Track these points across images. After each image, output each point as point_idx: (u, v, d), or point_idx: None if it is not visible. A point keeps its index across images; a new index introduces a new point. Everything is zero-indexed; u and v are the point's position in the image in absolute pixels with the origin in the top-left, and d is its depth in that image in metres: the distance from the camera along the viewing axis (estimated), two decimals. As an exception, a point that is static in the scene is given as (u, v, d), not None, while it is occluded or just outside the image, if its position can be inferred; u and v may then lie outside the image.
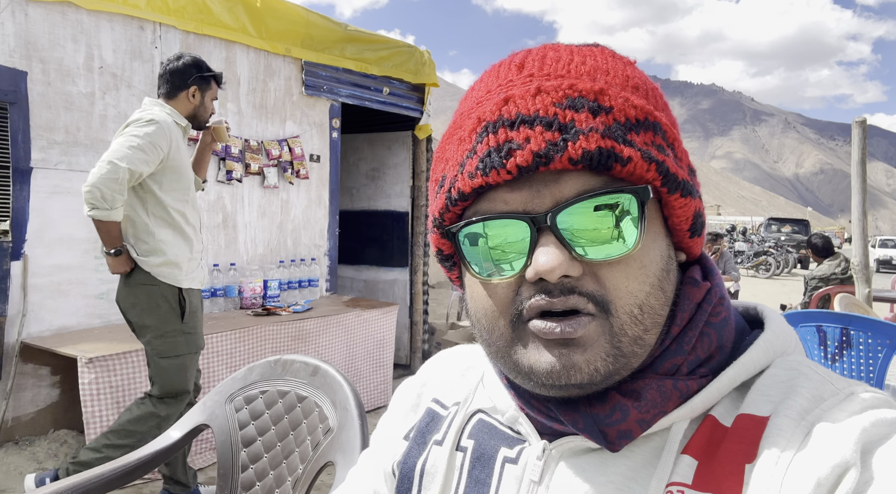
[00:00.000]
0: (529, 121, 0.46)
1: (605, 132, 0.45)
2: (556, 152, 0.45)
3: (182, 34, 3.58)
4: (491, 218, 0.48)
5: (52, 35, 3.05)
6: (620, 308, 0.47)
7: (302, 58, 4.23)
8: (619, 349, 0.47)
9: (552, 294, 0.47)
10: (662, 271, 0.49)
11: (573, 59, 0.50)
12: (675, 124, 0.53)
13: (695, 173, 0.54)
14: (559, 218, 0.46)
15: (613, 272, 0.47)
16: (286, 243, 4.27)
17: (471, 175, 0.48)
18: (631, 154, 0.45)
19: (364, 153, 5.42)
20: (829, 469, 0.40)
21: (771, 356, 0.51)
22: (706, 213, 0.57)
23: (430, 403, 0.67)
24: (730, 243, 19.78)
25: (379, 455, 0.70)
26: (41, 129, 3.04)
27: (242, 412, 1.49)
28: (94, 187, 2.25)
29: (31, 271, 3.05)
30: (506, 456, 0.57)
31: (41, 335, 3.07)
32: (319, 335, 3.70)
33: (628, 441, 0.49)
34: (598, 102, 0.47)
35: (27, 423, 3.16)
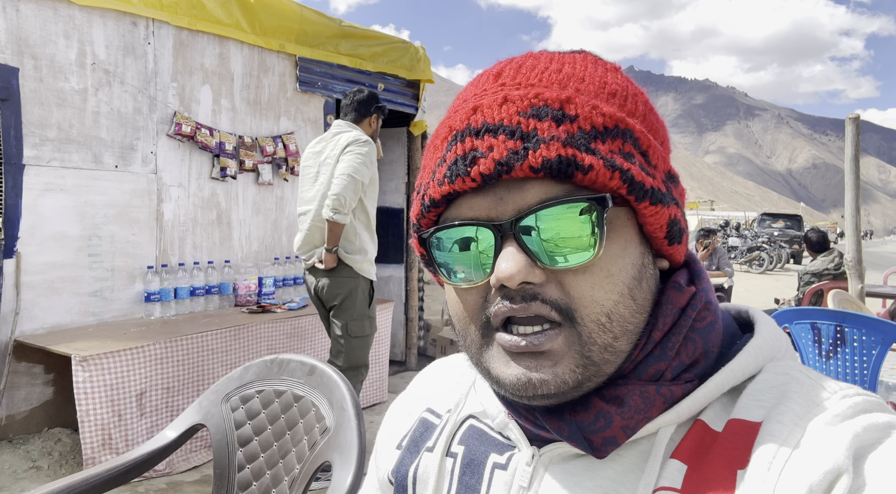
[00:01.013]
0: (493, 130, 0.47)
1: (567, 141, 0.46)
2: (517, 161, 0.45)
3: (175, 30, 3.55)
4: (457, 225, 0.49)
5: (44, 31, 3.03)
6: (586, 316, 0.47)
7: (296, 54, 4.20)
8: (588, 357, 0.48)
9: (514, 301, 0.47)
10: (633, 279, 0.49)
11: (549, 66, 0.51)
12: (656, 130, 0.52)
13: (675, 180, 0.53)
14: (521, 225, 0.46)
15: (578, 281, 0.47)
16: (281, 239, 4.26)
17: (440, 182, 0.49)
18: (593, 162, 0.45)
19: (359, 150, 5.40)
20: (822, 476, 0.40)
21: (760, 361, 0.51)
22: (701, 208, 0.56)
23: (423, 413, 0.68)
24: (723, 239, 19.85)
25: (375, 469, 0.71)
26: (33, 126, 3.02)
27: (238, 411, 1.48)
28: (340, 195, 2.75)
29: (24, 269, 3.03)
30: (495, 462, 0.57)
31: (34, 334, 3.06)
32: (315, 333, 3.69)
33: (614, 447, 0.49)
34: (563, 110, 0.47)
35: (21, 421, 3.14)
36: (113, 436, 2.76)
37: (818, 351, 2.28)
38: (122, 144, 3.37)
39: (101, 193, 3.29)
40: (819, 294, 5.23)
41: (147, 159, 3.49)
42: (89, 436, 2.71)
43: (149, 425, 2.90)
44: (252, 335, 3.35)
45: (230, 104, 3.89)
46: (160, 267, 3.54)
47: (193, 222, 3.73)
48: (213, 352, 3.15)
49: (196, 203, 3.74)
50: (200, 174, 3.75)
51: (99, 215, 3.30)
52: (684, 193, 0.55)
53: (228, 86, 3.87)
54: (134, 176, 3.43)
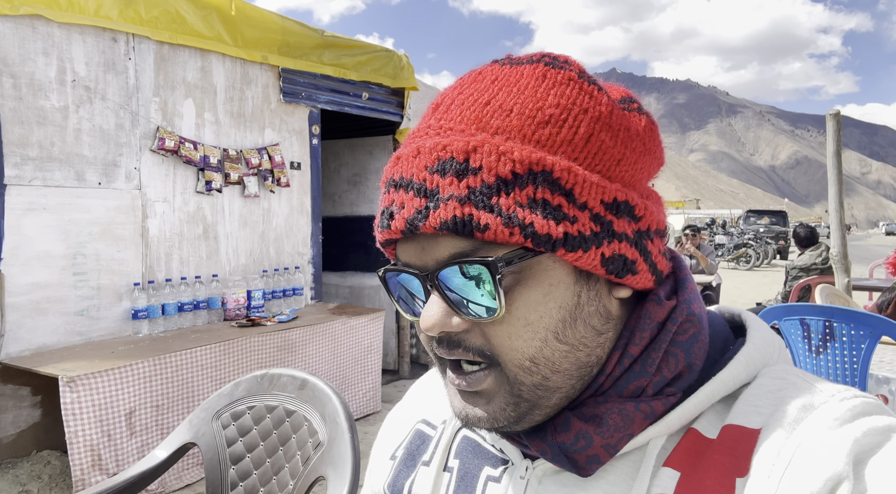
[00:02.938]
0: (406, 185, 0.48)
1: (465, 198, 0.45)
2: (420, 220, 0.46)
3: (156, 45, 3.53)
4: (393, 270, 0.52)
5: (23, 49, 2.99)
6: (509, 362, 0.48)
7: (279, 65, 4.19)
8: (518, 395, 0.49)
9: (441, 345, 0.50)
10: (559, 322, 0.48)
11: (480, 98, 0.49)
12: (602, 151, 0.48)
13: (621, 208, 0.49)
14: (439, 277, 0.48)
15: (496, 330, 0.48)
16: (269, 252, 4.23)
17: (379, 227, 0.52)
18: (489, 221, 0.45)
19: (345, 159, 5.39)
20: (822, 483, 0.40)
21: (752, 370, 0.50)
22: (687, 207, 0.55)
23: (418, 424, 0.68)
24: (710, 237, 20.01)
25: (370, 481, 0.71)
26: (14, 145, 2.98)
27: (230, 428, 1.46)
28: None
29: (8, 291, 2.98)
30: (489, 476, 0.57)
31: (20, 355, 3.01)
32: (306, 345, 3.67)
33: (598, 465, 0.50)
34: (467, 162, 0.46)
35: (9, 445, 3.09)
36: (103, 457, 2.72)
37: (808, 347, 2.29)
38: (104, 160, 3.33)
39: (84, 211, 3.25)
40: (807, 289, 5.28)
41: (131, 175, 3.45)
42: (79, 458, 2.67)
43: (139, 444, 2.86)
44: (242, 348, 3.32)
45: (214, 117, 3.87)
46: (147, 284, 3.50)
47: (179, 237, 3.70)
48: (202, 368, 3.12)
49: (182, 218, 3.71)
50: (185, 189, 3.72)
51: (83, 233, 3.26)
52: (651, 212, 0.51)
53: (211, 99, 3.85)
54: (118, 193, 3.40)
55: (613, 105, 0.50)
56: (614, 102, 0.50)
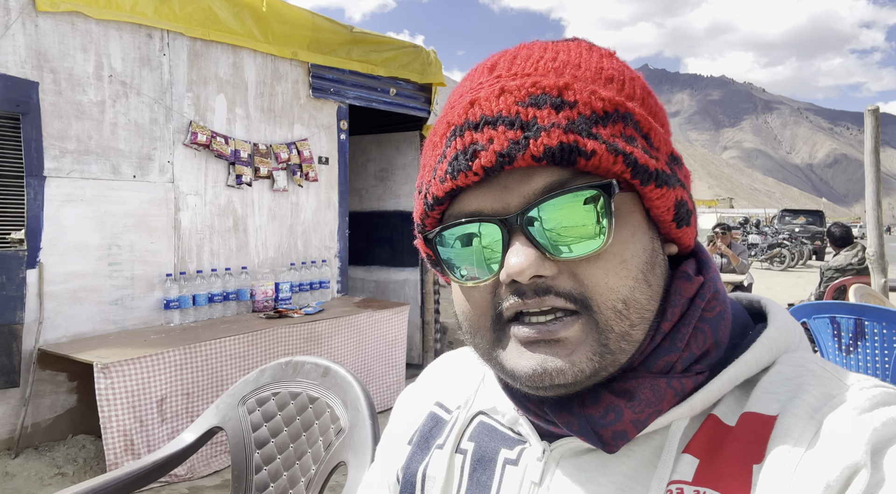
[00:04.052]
0: (492, 122, 0.46)
1: (568, 127, 0.45)
2: (518, 151, 0.45)
3: (190, 41, 3.61)
4: (463, 222, 0.49)
5: (62, 45, 3.09)
6: (603, 304, 0.46)
7: (309, 61, 4.24)
8: (605, 346, 0.47)
9: (526, 295, 0.47)
10: (646, 264, 0.48)
11: (543, 55, 0.50)
12: (655, 113, 0.52)
13: (678, 162, 0.52)
14: (528, 218, 0.46)
15: (592, 269, 0.46)
16: (297, 245, 4.29)
17: (441, 179, 0.49)
18: (595, 147, 0.45)
19: (372, 154, 5.44)
20: (839, 471, 0.40)
21: (774, 353, 0.50)
22: (720, 205, 0.55)
23: (432, 407, 0.67)
24: (743, 236, 19.60)
25: (384, 464, 0.70)
26: (53, 138, 3.08)
27: (255, 414, 1.50)
28: None
29: (47, 279, 3.09)
30: (506, 458, 0.56)
31: (58, 342, 3.11)
32: (331, 337, 3.72)
33: (624, 441, 0.49)
34: (561, 97, 0.46)
35: (46, 429, 3.20)
36: (135, 442, 2.80)
37: (838, 345, 2.24)
38: (139, 154, 3.42)
39: (120, 202, 3.35)
40: (842, 290, 5.14)
41: (164, 169, 3.54)
42: (112, 442, 2.75)
43: (169, 430, 2.94)
44: (270, 339, 3.38)
45: (244, 112, 3.94)
46: (178, 275, 3.59)
47: (210, 230, 3.78)
48: (231, 357, 3.18)
49: (213, 211, 3.79)
50: (216, 182, 3.80)
51: (118, 224, 3.35)
52: (689, 174, 0.54)
53: (242, 94, 3.92)
54: (152, 185, 3.49)
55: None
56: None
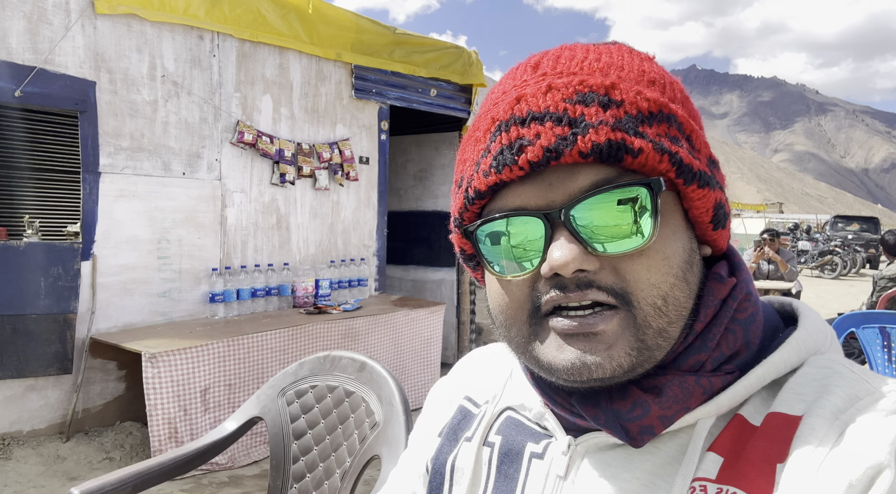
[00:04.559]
0: (540, 117, 0.46)
1: (616, 125, 0.45)
2: (566, 146, 0.45)
3: (238, 43, 3.72)
4: (506, 215, 0.49)
5: (119, 46, 3.23)
6: (643, 300, 0.47)
7: (352, 62, 4.31)
8: (643, 341, 0.47)
9: (568, 289, 0.47)
10: (685, 262, 0.49)
11: (587, 56, 0.51)
12: (695, 117, 0.53)
13: (717, 165, 0.53)
14: (573, 212, 0.46)
15: (634, 265, 0.47)
16: (337, 243, 4.37)
17: (485, 173, 0.49)
18: (642, 145, 0.45)
19: (412, 155, 5.48)
20: (862, 471, 0.40)
21: (803, 354, 0.50)
22: (769, 210, 0.55)
23: (462, 401, 0.69)
24: (792, 242, 18.96)
25: (415, 455, 0.72)
26: (108, 135, 3.22)
27: (294, 405, 1.54)
28: None
29: (100, 271, 3.23)
30: (533, 452, 0.57)
31: (108, 332, 3.25)
32: (368, 334, 3.77)
33: (650, 436, 0.49)
34: (608, 95, 0.47)
35: (96, 415, 3.35)
36: (179, 430, 2.91)
37: (888, 357, 2.15)
38: (189, 152, 3.55)
39: (169, 198, 3.47)
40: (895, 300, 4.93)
41: (212, 166, 3.66)
42: (157, 429, 2.86)
43: (212, 419, 3.03)
44: (309, 334, 3.45)
45: (289, 112, 4.03)
46: (224, 269, 3.70)
47: (255, 227, 3.89)
48: (272, 351, 3.26)
49: (257, 208, 3.89)
50: (261, 180, 3.90)
51: (168, 219, 3.48)
52: (724, 178, 0.54)
53: (288, 95, 4.02)
54: (200, 182, 3.61)
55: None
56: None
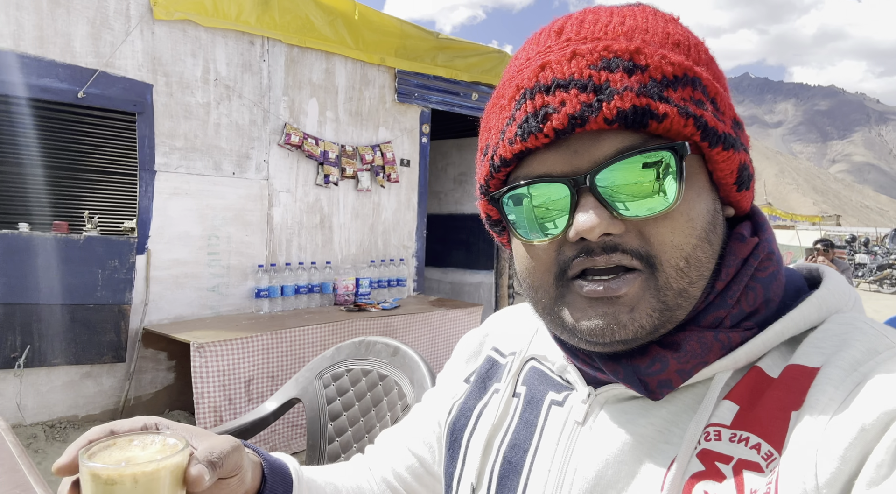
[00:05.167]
0: (565, 85, 0.47)
1: (641, 90, 0.46)
2: (591, 113, 0.46)
3: (287, 48, 3.85)
4: (532, 182, 0.50)
5: (175, 51, 3.39)
6: (666, 262, 0.48)
7: (395, 67, 4.41)
8: (664, 302, 0.48)
9: (594, 253, 0.48)
10: (709, 224, 0.50)
11: (611, 20, 0.51)
12: (719, 78, 0.53)
13: (741, 127, 0.53)
14: (598, 178, 0.47)
15: (658, 227, 0.48)
16: (377, 243, 4.45)
17: (511, 141, 0.50)
18: (667, 110, 0.46)
19: (452, 158, 5.54)
20: (877, 416, 0.40)
21: (823, 313, 0.50)
22: (825, 222, 0.55)
23: (490, 351, 0.72)
24: (849, 255, 18.19)
25: (441, 394, 0.76)
26: (164, 136, 3.38)
27: (330, 388, 1.60)
28: None
29: (153, 265, 3.39)
30: (553, 400, 0.60)
31: (160, 323, 3.40)
32: (406, 332, 3.82)
33: (669, 390, 0.50)
34: (633, 61, 0.47)
35: (146, 402, 3.50)
36: (223, 418, 3.01)
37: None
38: (238, 152, 3.69)
39: (220, 197, 3.62)
40: (958, 313, 4.69)
41: (260, 167, 3.79)
42: (203, 417, 2.97)
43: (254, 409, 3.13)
44: (348, 331, 3.53)
45: (334, 116, 4.15)
46: (269, 266, 3.82)
47: (299, 226, 4.00)
48: (312, 345, 3.35)
49: (302, 208, 4.01)
50: (306, 181, 4.02)
51: (218, 217, 3.62)
52: (749, 140, 0.55)
53: (333, 98, 4.13)
54: (248, 182, 3.75)
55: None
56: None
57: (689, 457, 0.47)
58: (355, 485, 0.76)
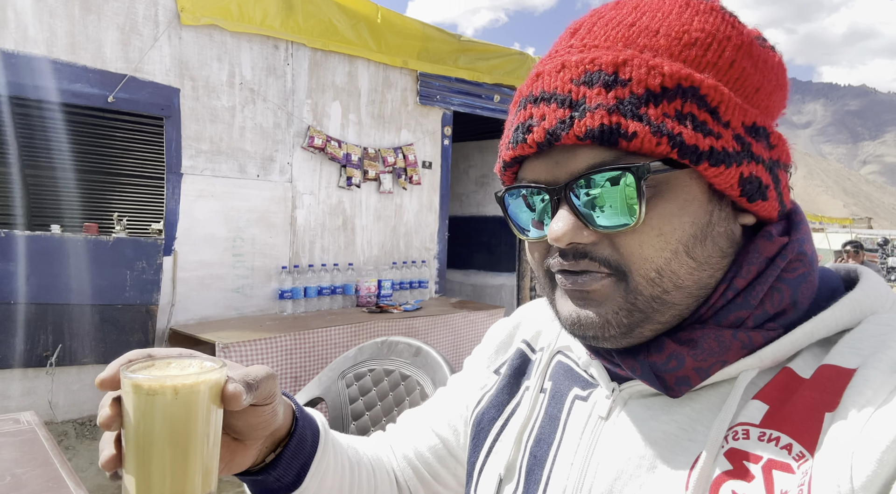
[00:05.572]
0: (547, 98, 0.49)
1: (614, 108, 0.46)
2: (563, 130, 0.47)
3: (311, 51, 3.90)
4: (518, 187, 0.53)
5: (201, 55, 3.45)
6: (636, 272, 0.49)
7: (417, 69, 4.43)
8: (633, 304, 0.49)
9: (566, 257, 0.51)
10: (691, 237, 0.49)
11: (625, 20, 0.51)
12: (744, 77, 0.50)
13: (760, 133, 0.50)
14: (571, 190, 0.49)
15: (628, 240, 0.49)
16: (399, 245, 4.47)
17: (507, 147, 0.53)
18: (637, 130, 0.46)
19: (474, 161, 5.54)
20: None
21: (857, 315, 0.49)
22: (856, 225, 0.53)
23: (520, 344, 0.73)
24: (881, 258, 17.75)
25: (470, 380, 0.77)
26: (190, 139, 3.44)
27: (353, 387, 1.61)
28: None
29: (180, 266, 3.44)
30: (577, 395, 0.61)
31: (186, 323, 3.45)
32: (428, 334, 3.83)
33: (687, 387, 0.50)
34: (616, 74, 0.47)
35: (173, 401, 3.55)
36: (247, 417, 3.05)
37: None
38: (263, 155, 3.74)
39: (244, 199, 3.67)
40: None
41: (284, 169, 3.84)
42: (228, 415, 3.01)
43: (278, 410, 3.16)
44: (370, 332, 3.55)
45: (357, 118, 4.18)
46: (293, 268, 3.86)
47: (322, 228, 4.04)
48: (335, 346, 3.38)
49: (325, 210, 4.05)
50: (329, 183, 4.06)
51: (242, 219, 3.67)
52: (783, 144, 0.53)
53: (356, 101, 4.17)
54: (272, 184, 3.79)
55: (752, 37, 0.51)
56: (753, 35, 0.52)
57: (715, 455, 0.47)
58: (374, 455, 0.77)
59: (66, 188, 3.29)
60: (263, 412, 0.54)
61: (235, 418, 0.53)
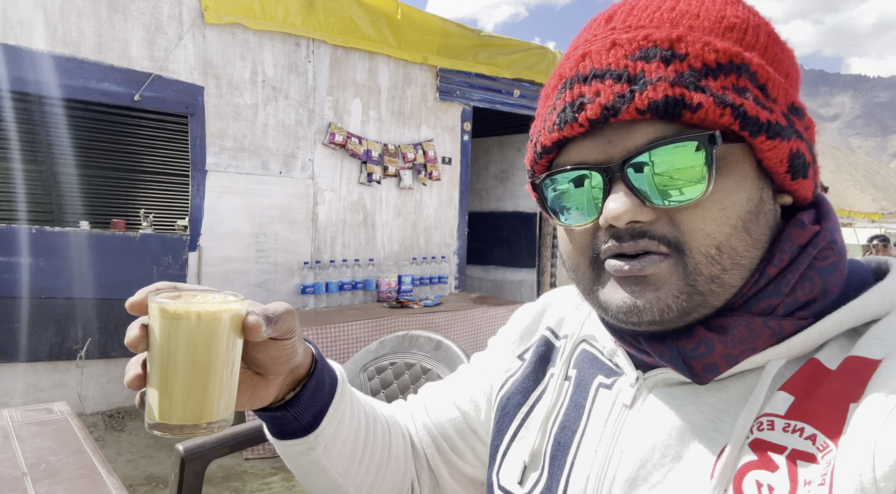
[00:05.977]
0: (601, 75, 0.48)
1: (675, 80, 0.46)
2: (623, 104, 0.46)
3: (332, 48, 3.93)
4: (567, 170, 0.52)
5: (224, 54, 3.50)
6: (695, 249, 0.48)
7: (437, 65, 4.43)
8: (693, 286, 0.48)
9: (622, 239, 0.50)
10: (748, 213, 0.49)
11: (663, 5, 0.51)
12: (778, 62, 0.51)
13: (799, 112, 0.52)
14: (629, 167, 0.48)
15: (689, 215, 0.48)
16: (419, 241, 4.49)
17: (550, 130, 0.52)
18: (701, 100, 0.45)
19: (494, 156, 5.54)
20: None
21: (887, 305, 0.49)
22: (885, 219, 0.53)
23: (545, 330, 0.73)
24: (910, 254, 17.33)
25: (494, 361, 0.77)
26: (214, 137, 3.50)
27: (374, 380, 1.63)
28: None
29: (205, 262, 3.50)
30: (601, 383, 0.61)
31: (211, 317, 3.51)
32: (448, 329, 3.84)
33: (715, 374, 0.50)
34: (672, 49, 0.47)
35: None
36: (270, 410, 3.10)
37: None
38: (285, 152, 3.78)
39: (267, 196, 3.72)
40: None
41: (305, 166, 3.88)
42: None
43: (300, 403, 3.20)
44: (390, 327, 3.58)
45: (377, 115, 4.20)
46: (314, 263, 3.90)
47: (343, 224, 4.08)
48: (356, 341, 3.41)
49: (346, 206, 4.08)
50: (350, 179, 4.09)
51: (265, 215, 3.72)
52: (813, 126, 0.53)
53: (376, 98, 4.19)
54: (294, 181, 3.84)
55: (773, 29, 0.52)
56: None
57: (740, 446, 0.47)
58: (391, 416, 0.78)
59: (94, 186, 3.37)
60: (284, 346, 0.54)
61: (257, 350, 0.53)
